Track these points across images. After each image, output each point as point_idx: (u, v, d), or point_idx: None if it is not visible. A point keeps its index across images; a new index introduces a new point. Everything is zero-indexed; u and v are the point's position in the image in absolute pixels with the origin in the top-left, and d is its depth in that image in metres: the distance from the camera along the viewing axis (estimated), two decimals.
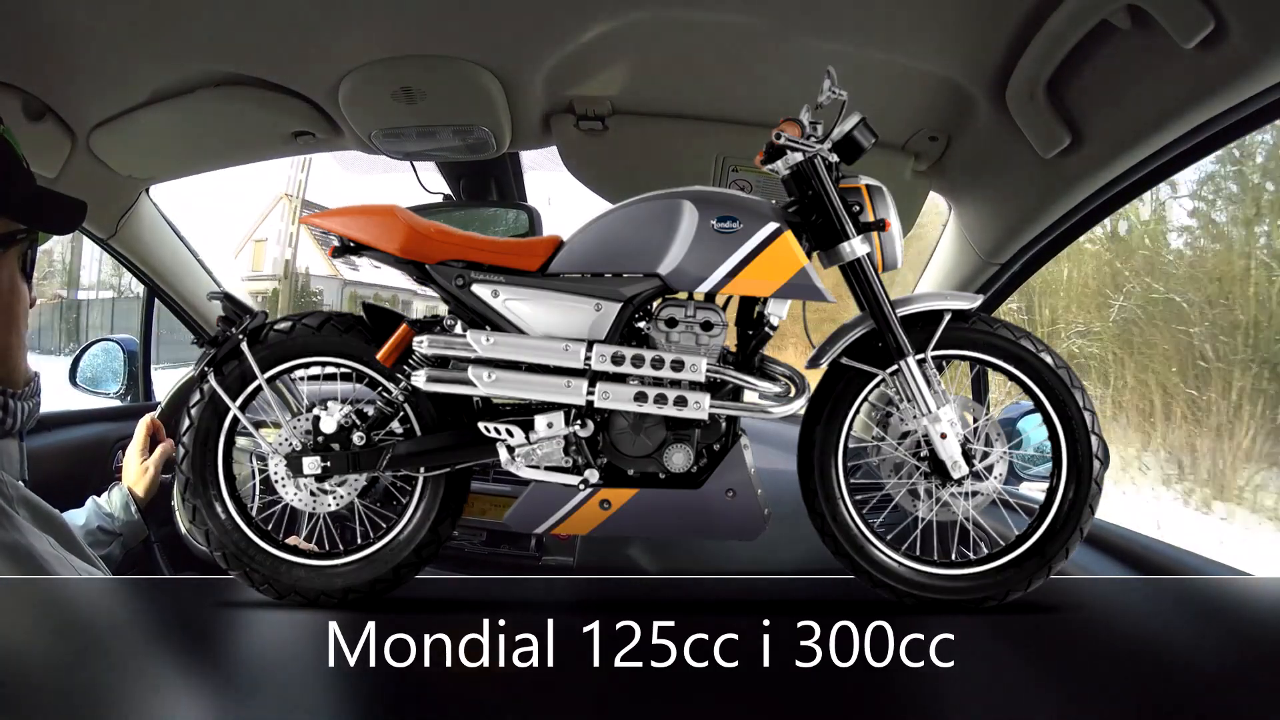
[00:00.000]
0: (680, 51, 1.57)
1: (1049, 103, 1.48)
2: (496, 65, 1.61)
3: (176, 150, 1.95)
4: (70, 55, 1.53)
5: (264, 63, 1.62)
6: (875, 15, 1.44)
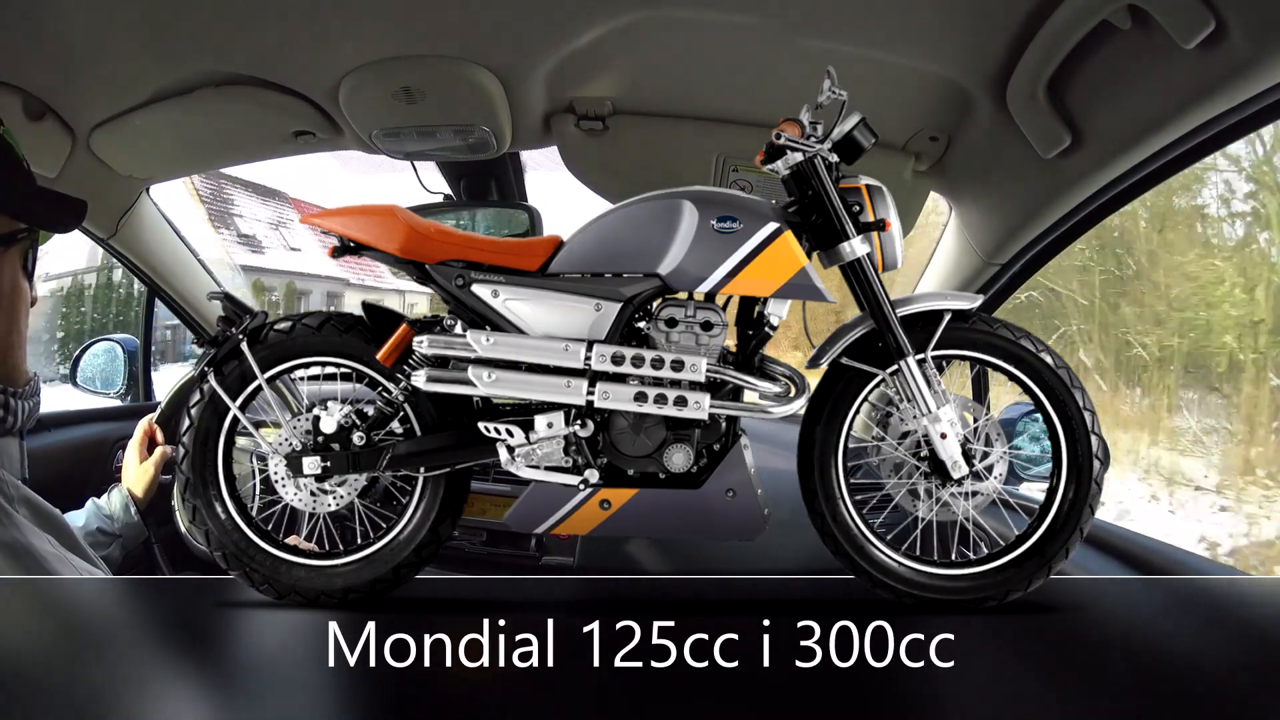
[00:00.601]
0: (680, 51, 1.57)
1: (1049, 103, 1.47)
2: (497, 65, 1.61)
3: (176, 150, 1.95)
4: (70, 55, 1.53)
5: (264, 63, 1.62)
6: (875, 15, 1.44)
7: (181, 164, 2.13)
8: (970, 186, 1.81)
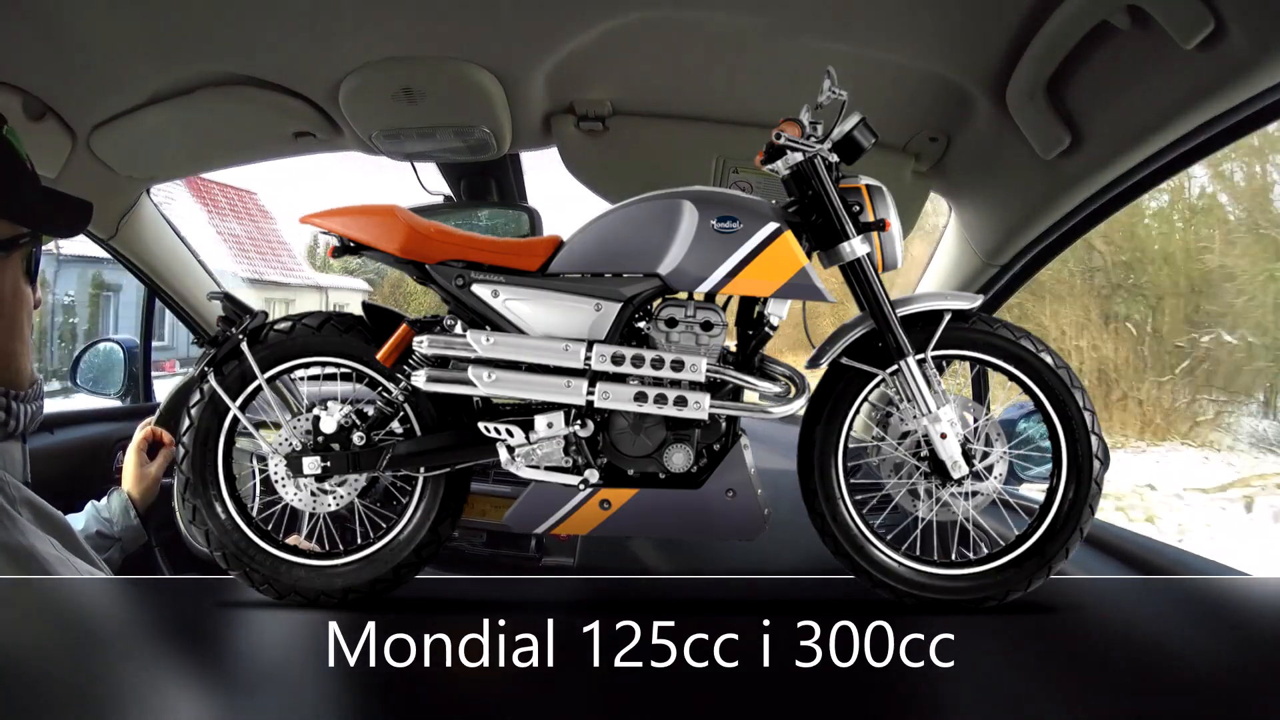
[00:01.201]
0: (680, 52, 1.57)
1: (1049, 103, 1.47)
2: (497, 66, 1.61)
3: (176, 150, 1.95)
4: (70, 55, 1.53)
5: (264, 63, 1.62)
6: (875, 15, 1.44)
7: (181, 164, 2.13)
8: (970, 187, 1.81)
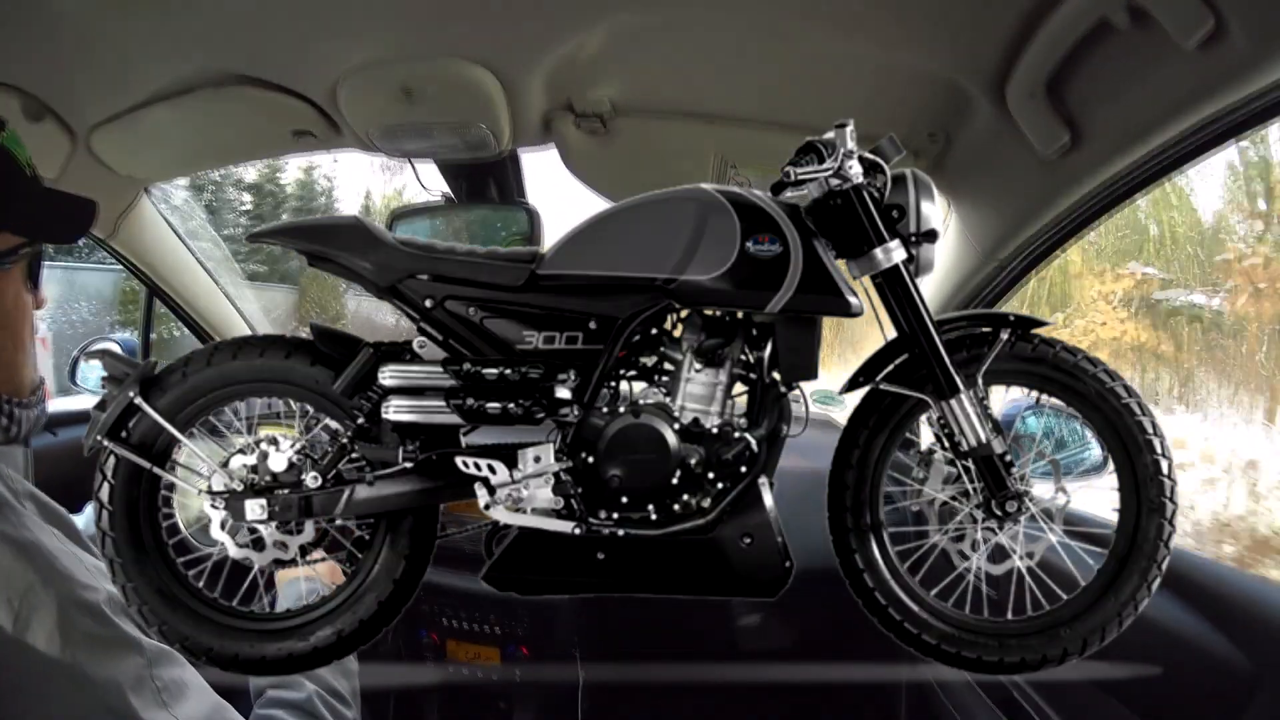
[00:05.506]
0: (680, 51, 1.57)
1: (1049, 102, 1.47)
2: (496, 65, 1.61)
3: (176, 150, 1.95)
4: (70, 55, 1.53)
5: (264, 63, 1.62)
6: (875, 15, 1.43)
7: (181, 164, 2.13)
8: (970, 185, 1.81)
